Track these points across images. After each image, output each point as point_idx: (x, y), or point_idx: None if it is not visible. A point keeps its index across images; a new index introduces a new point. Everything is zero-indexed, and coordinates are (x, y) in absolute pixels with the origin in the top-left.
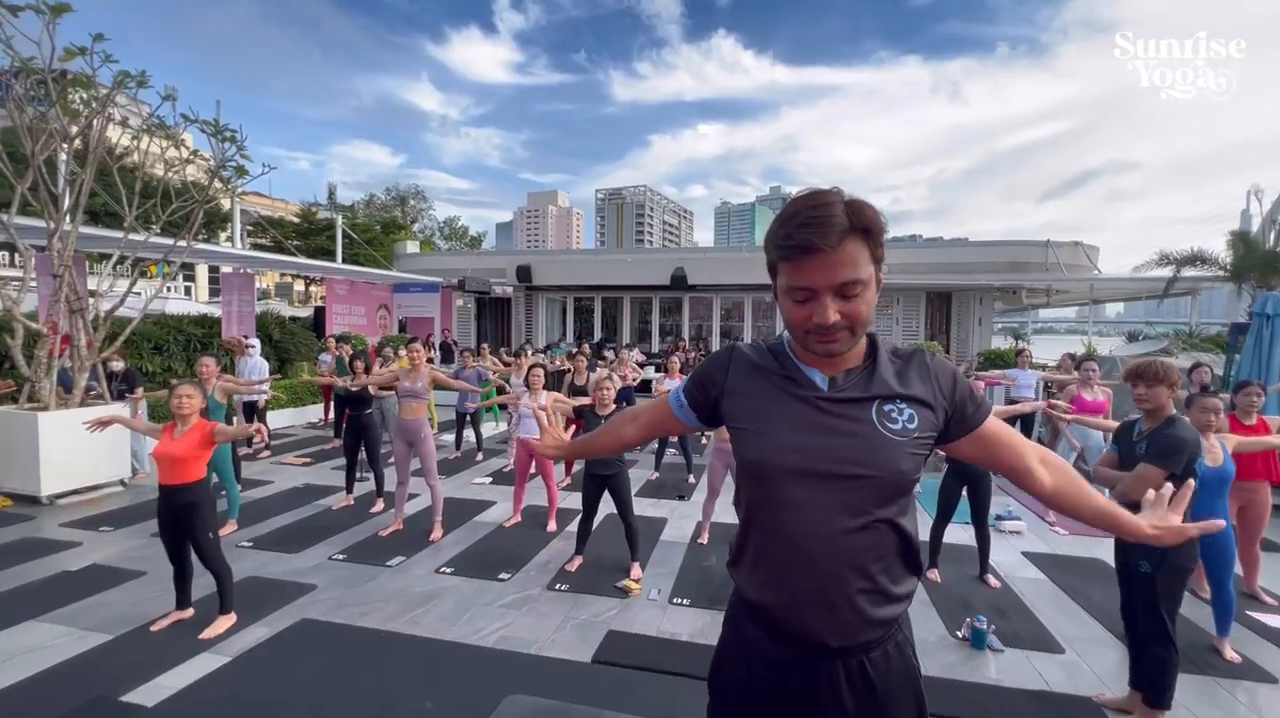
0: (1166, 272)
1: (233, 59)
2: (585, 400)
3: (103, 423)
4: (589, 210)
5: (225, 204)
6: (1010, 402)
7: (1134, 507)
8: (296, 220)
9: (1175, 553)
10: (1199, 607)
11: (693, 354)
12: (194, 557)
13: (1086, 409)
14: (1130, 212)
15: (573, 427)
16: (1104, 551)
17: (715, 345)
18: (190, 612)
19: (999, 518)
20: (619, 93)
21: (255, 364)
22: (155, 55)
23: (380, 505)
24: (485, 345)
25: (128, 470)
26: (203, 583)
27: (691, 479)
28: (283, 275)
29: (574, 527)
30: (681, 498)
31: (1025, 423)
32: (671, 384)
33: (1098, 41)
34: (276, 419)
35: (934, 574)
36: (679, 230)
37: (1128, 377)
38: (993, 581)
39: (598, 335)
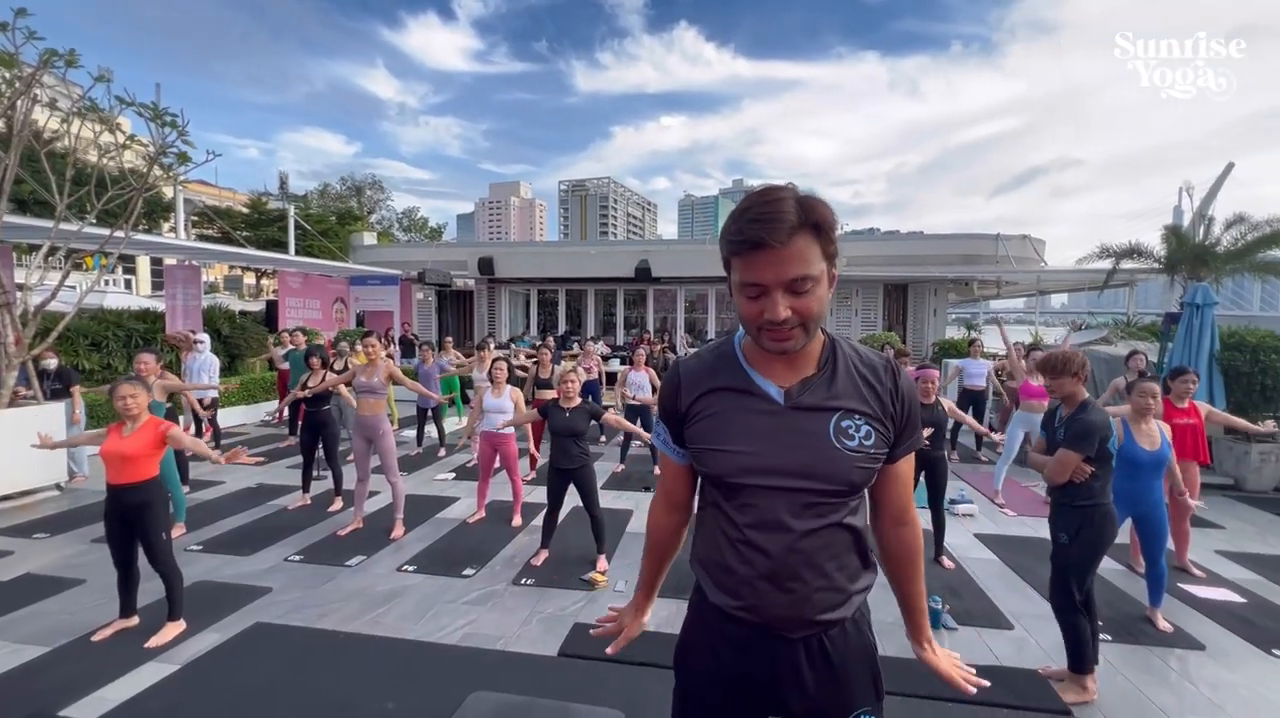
0: (1107, 264)
1: (174, 40)
2: (550, 394)
3: (47, 445)
4: (552, 202)
5: (167, 193)
6: (964, 390)
7: (1060, 489)
8: (245, 211)
9: (1090, 529)
10: (1135, 580)
11: (659, 347)
12: (140, 562)
13: (1034, 395)
14: (1074, 206)
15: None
16: (1048, 530)
17: (680, 338)
18: (135, 620)
19: (953, 502)
20: (581, 83)
21: (205, 361)
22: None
23: (339, 504)
24: (448, 339)
25: (64, 474)
26: (149, 589)
27: (657, 471)
28: (231, 268)
29: (539, 521)
30: (647, 489)
31: (977, 408)
32: (635, 376)
33: (1043, 42)
34: (228, 417)
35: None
36: (643, 222)
37: (1037, 368)
38: (947, 562)
39: (562, 328)
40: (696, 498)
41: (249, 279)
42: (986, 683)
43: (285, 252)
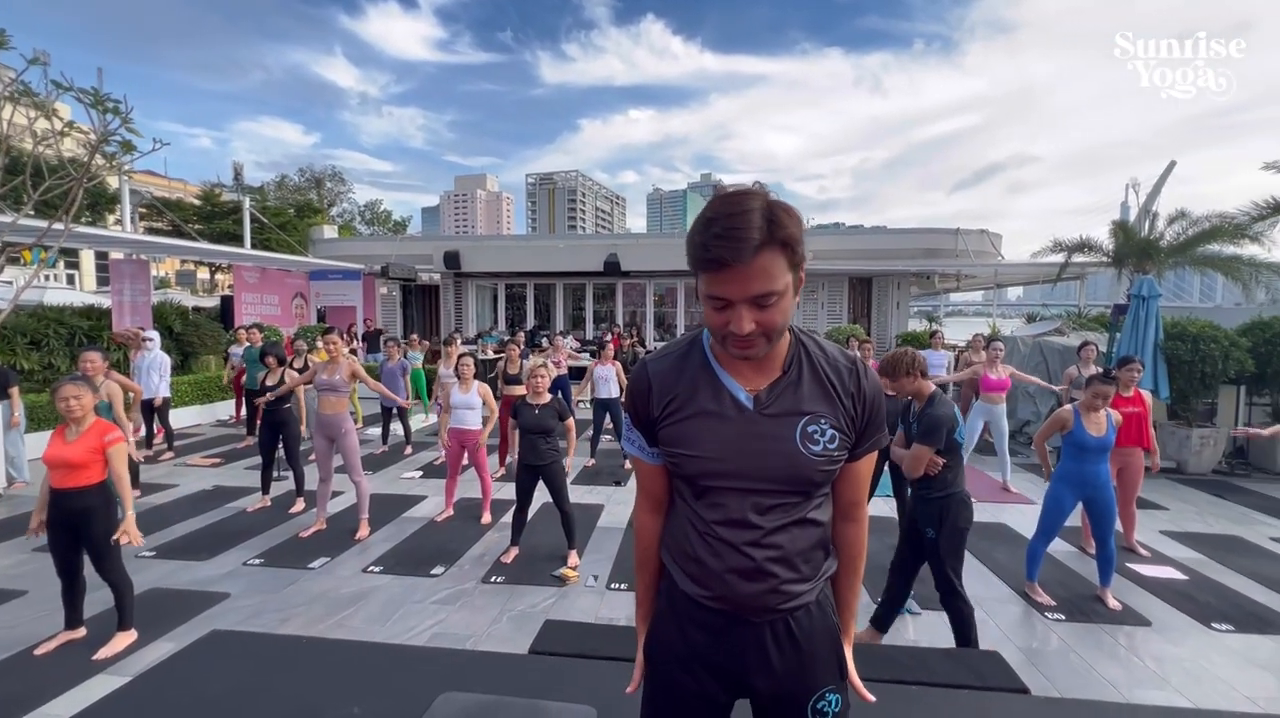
0: (1059, 258)
1: (119, 23)
2: (519, 390)
3: None
4: (519, 195)
5: (112, 183)
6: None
7: (918, 483)
8: (197, 202)
9: (950, 517)
10: (1086, 562)
11: (629, 341)
12: (86, 570)
13: (991, 386)
14: (1029, 202)
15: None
16: (1007, 516)
17: (650, 332)
18: (82, 631)
19: None
20: (547, 75)
21: (155, 359)
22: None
23: (300, 505)
24: (415, 335)
25: (3, 480)
26: (96, 599)
27: (627, 465)
28: (183, 262)
29: (509, 518)
30: (618, 484)
31: None
32: (603, 370)
33: (1000, 41)
34: (181, 417)
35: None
36: (612, 216)
37: (880, 372)
38: None
39: (531, 323)
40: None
41: (202, 274)
42: (873, 699)
43: (241, 245)
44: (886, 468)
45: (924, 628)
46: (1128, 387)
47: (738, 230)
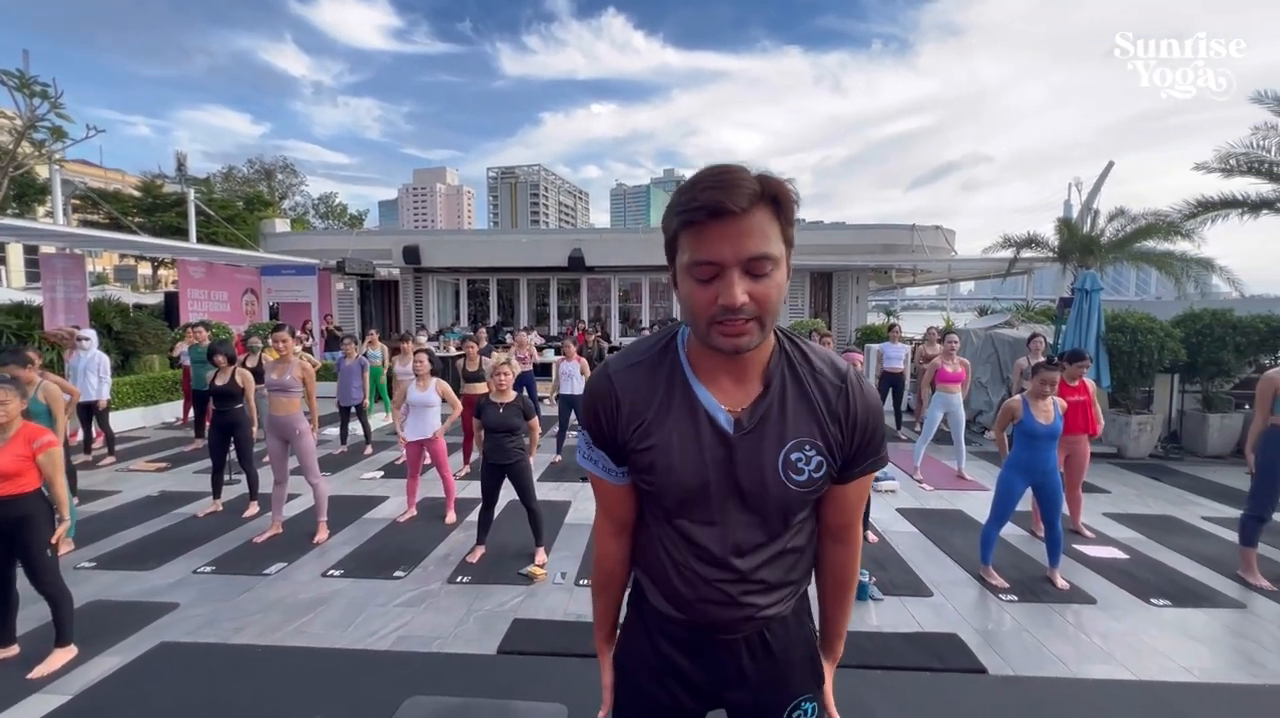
0: (1009, 253)
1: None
2: (480, 388)
3: None
4: (480, 189)
5: (41, 172)
6: (883, 373)
7: None
8: (137, 194)
9: None
10: (1035, 545)
11: (594, 336)
12: (18, 583)
13: (947, 378)
14: (982, 199)
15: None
16: (962, 502)
17: (614, 327)
18: (15, 649)
19: (877, 479)
20: (508, 66)
21: (92, 359)
22: None
23: (254, 509)
24: (373, 331)
25: None
26: (30, 615)
27: (578, 459)
28: (123, 257)
29: (474, 517)
30: (585, 480)
31: (896, 391)
32: (568, 367)
33: (951, 44)
34: (123, 420)
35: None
36: (575, 211)
37: None
38: (872, 536)
39: (494, 319)
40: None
41: (144, 269)
42: None
43: (185, 239)
44: None
45: (885, 614)
46: (1073, 378)
47: (732, 180)
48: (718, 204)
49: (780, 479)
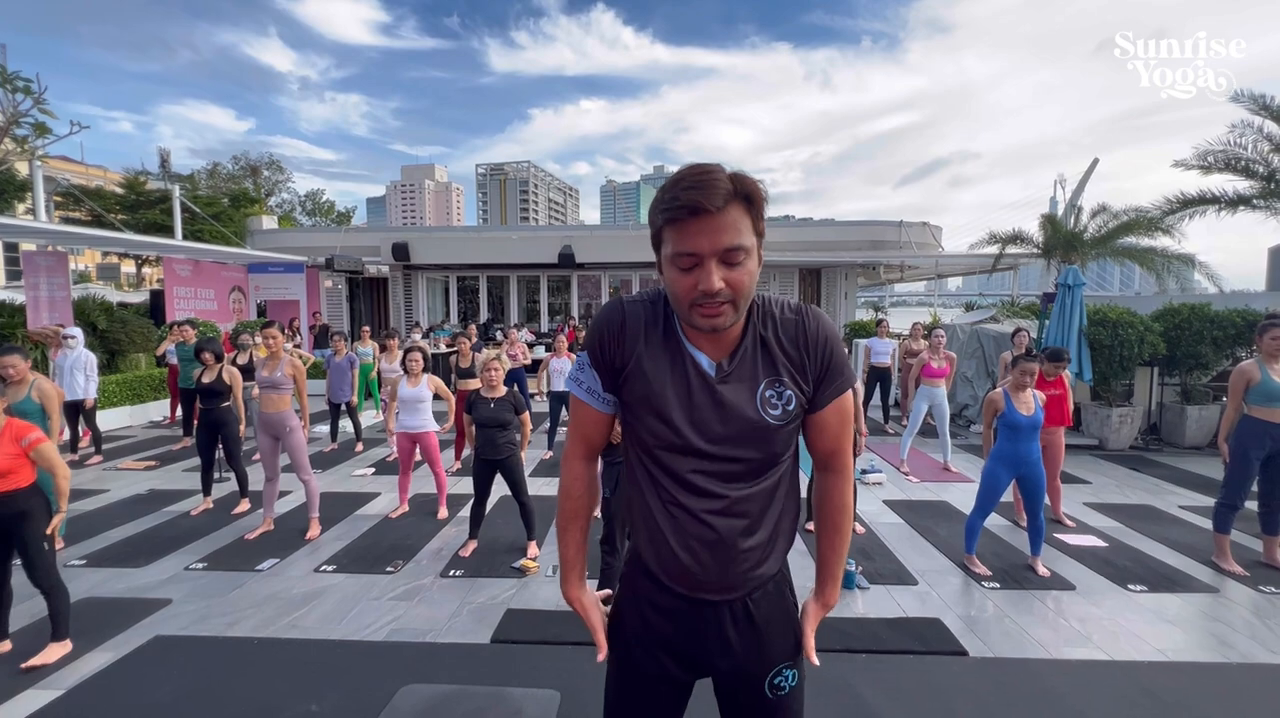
0: (994, 249)
1: None
2: (473, 383)
3: None
4: (469, 186)
5: (21, 169)
6: (871, 367)
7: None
8: (120, 191)
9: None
10: (1018, 534)
11: (584, 333)
12: (13, 579)
13: (933, 373)
14: (969, 196)
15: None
16: (948, 494)
17: None
18: (7, 644)
19: (864, 472)
20: (496, 62)
21: (79, 358)
22: None
23: (245, 506)
24: (365, 329)
25: None
26: (24, 611)
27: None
28: (106, 254)
29: (466, 512)
30: None
31: (883, 384)
32: (559, 363)
33: (939, 41)
34: (109, 419)
35: (811, 527)
36: (565, 208)
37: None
38: (859, 527)
39: (484, 316)
40: (624, 460)
41: (127, 267)
42: (818, 662)
43: (170, 236)
44: None
45: (871, 602)
46: (1051, 374)
47: (708, 180)
48: (696, 203)
49: (759, 415)
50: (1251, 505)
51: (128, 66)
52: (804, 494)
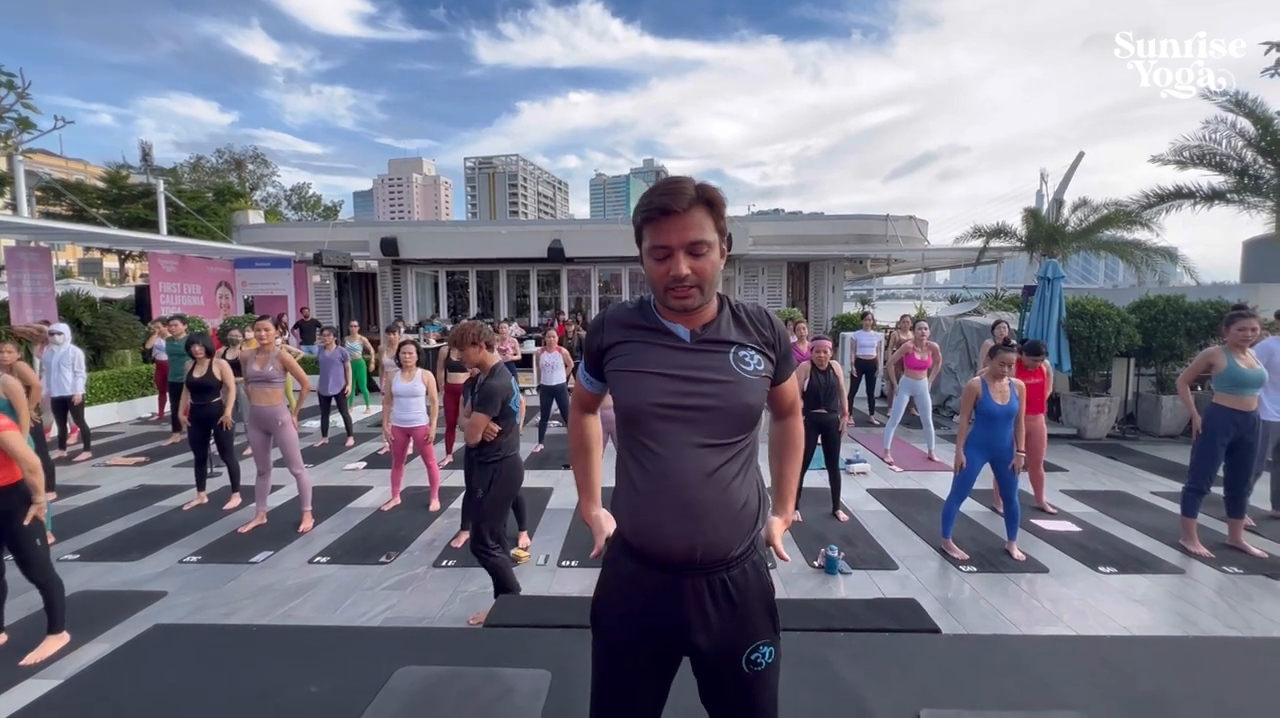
0: (979, 242)
1: None
2: (463, 377)
3: None
4: (458, 180)
5: (1, 163)
6: (857, 359)
7: (476, 448)
8: (102, 185)
9: (500, 481)
10: (996, 519)
11: (574, 327)
12: (7, 574)
13: (916, 364)
14: (957, 189)
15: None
16: (931, 483)
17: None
18: (3, 637)
19: (849, 462)
20: (484, 55)
21: (66, 354)
22: None
23: (237, 501)
24: (354, 323)
25: None
26: (20, 604)
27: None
28: (88, 249)
29: (458, 504)
30: (567, 467)
31: (869, 377)
32: (550, 358)
33: (927, 34)
34: (97, 415)
35: (796, 515)
36: (554, 202)
37: (449, 342)
38: (843, 515)
39: (474, 311)
40: (616, 447)
41: (110, 263)
42: (788, 558)
43: (154, 231)
44: (819, 440)
45: (853, 585)
46: (1031, 364)
47: (676, 190)
48: (667, 206)
49: (734, 368)
50: (1218, 491)
51: (107, 57)
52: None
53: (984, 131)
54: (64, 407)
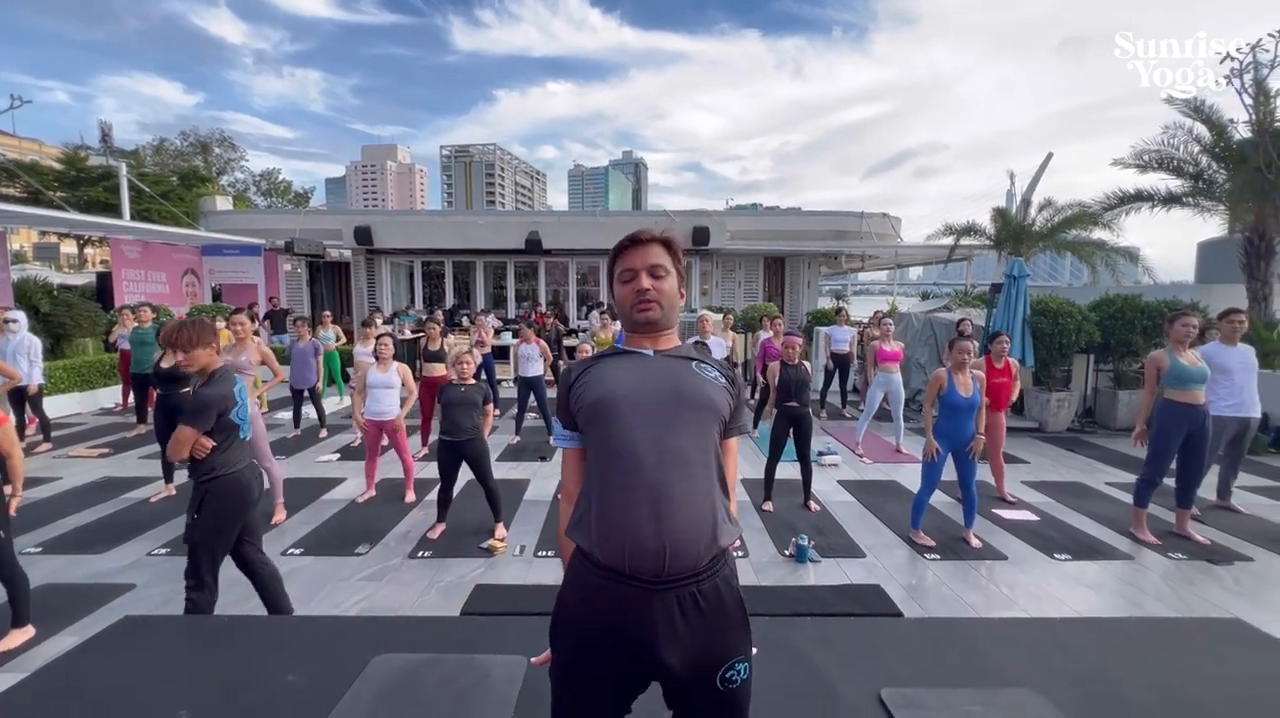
0: (950, 240)
1: None
2: (440, 368)
3: None
4: (433, 168)
5: None
6: (831, 354)
7: (189, 466)
8: (59, 166)
9: (214, 503)
10: (961, 510)
11: (551, 320)
12: None
13: (886, 357)
14: (933, 187)
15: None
16: (899, 474)
17: (572, 310)
18: None
19: (820, 454)
20: (460, 41)
21: (22, 342)
22: None
23: None
24: (327, 314)
25: None
26: None
27: (553, 441)
28: (44, 234)
29: (434, 496)
30: (543, 459)
31: (842, 371)
32: (528, 349)
33: (906, 32)
34: (57, 406)
35: (768, 506)
36: (532, 192)
37: (165, 342)
38: (814, 506)
39: (450, 302)
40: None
41: (68, 248)
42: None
43: (116, 216)
44: (791, 433)
45: (822, 573)
46: (999, 358)
47: (642, 230)
48: (635, 237)
49: (695, 373)
50: (1169, 482)
51: (64, 32)
52: (763, 474)
53: (962, 129)
54: (20, 397)
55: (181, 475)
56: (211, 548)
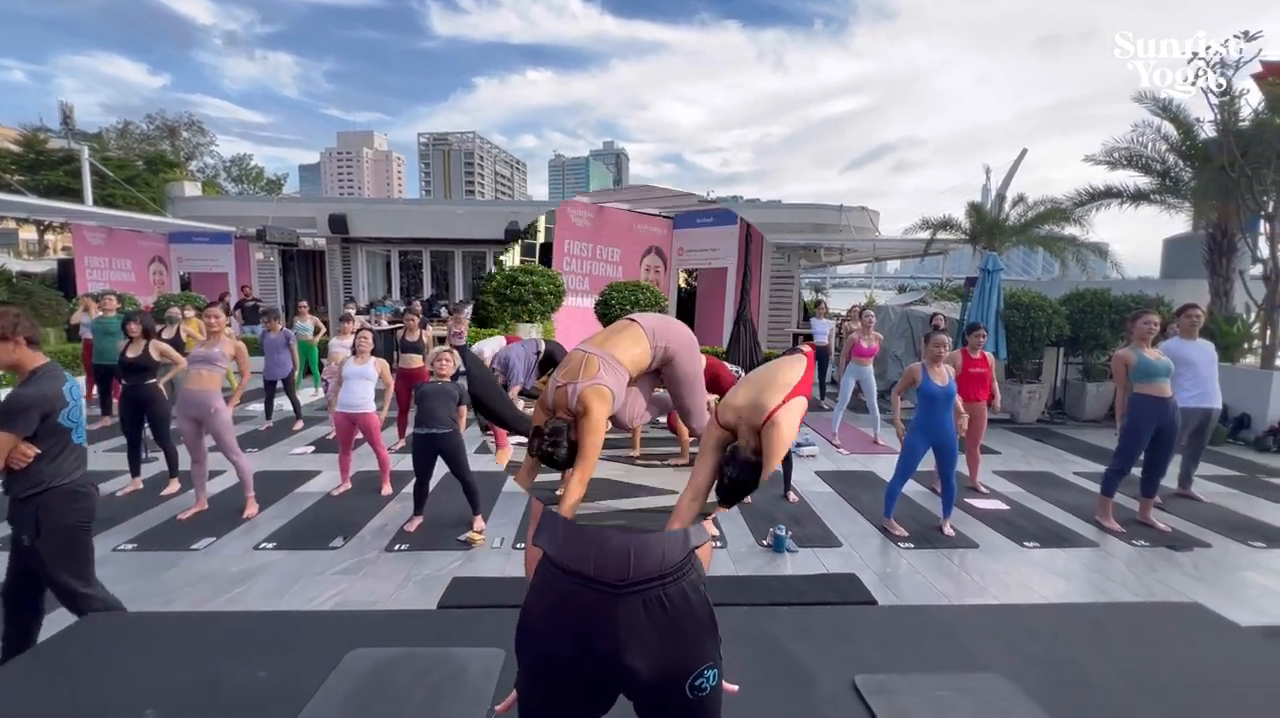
0: (926, 234)
1: None
2: (417, 360)
3: None
4: (411, 155)
5: None
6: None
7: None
8: (17, 149)
9: (56, 515)
10: (935, 499)
11: None
12: None
13: (862, 352)
14: (912, 181)
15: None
16: (875, 465)
17: None
18: None
19: (799, 445)
20: (438, 25)
21: None
22: None
23: (175, 487)
24: (303, 304)
25: None
26: None
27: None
28: (1, 219)
29: (410, 489)
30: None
31: (821, 362)
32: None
33: (884, 26)
34: None
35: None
36: (512, 182)
37: None
38: (792, 497)
39: (428, 292)
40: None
41: (27, 233)
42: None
43: (78, 200)
44: None
45: (800, 563)
46: (975, 349)
47: None
48: None
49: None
50: (1135, 471)
51: (19, 8)
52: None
53: (940, 123)
54: None
55: (148, 470)
56: (76, 561)
